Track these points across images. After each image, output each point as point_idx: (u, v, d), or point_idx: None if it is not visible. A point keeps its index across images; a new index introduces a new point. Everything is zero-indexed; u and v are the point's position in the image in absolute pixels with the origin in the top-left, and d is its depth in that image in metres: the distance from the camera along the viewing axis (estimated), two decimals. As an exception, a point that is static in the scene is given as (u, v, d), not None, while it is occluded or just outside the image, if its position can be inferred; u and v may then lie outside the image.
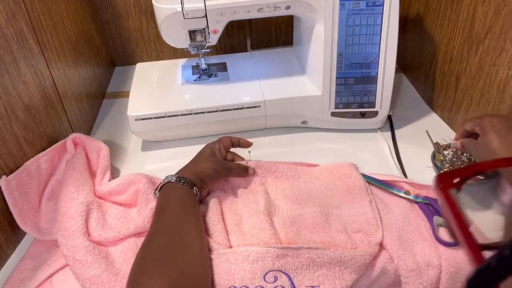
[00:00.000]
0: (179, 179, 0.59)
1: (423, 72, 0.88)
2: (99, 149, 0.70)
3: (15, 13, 0.61)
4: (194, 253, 0.50)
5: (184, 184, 0.58)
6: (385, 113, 0.78)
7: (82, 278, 0.52)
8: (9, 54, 0.59)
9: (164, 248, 0.50)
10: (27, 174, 0.60)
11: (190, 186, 0.58)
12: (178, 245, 0.51)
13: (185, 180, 0.59)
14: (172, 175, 0.60)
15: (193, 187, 0.59)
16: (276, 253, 0.51)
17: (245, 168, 0.66)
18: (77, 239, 0.55)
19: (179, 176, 0.59)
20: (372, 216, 0.58)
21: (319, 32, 0.73)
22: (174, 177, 0.59)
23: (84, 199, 0.60)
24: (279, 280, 0.50)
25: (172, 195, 0.58)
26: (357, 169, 0.66)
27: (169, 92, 0.82)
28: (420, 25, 0.87)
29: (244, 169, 0.65)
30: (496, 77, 0.66)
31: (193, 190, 0.59)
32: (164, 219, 0.54)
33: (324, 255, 0.51)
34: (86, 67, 0.87)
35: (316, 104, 0.78)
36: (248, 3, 0.70)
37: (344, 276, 0.51)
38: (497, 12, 0.63)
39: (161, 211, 0.56)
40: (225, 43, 1.05)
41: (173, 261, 0.48)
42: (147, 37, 1.04)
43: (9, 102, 0.58)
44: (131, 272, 0.48)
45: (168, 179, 0.60)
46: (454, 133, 0.76)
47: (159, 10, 0.72)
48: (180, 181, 0.59)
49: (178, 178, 0.59)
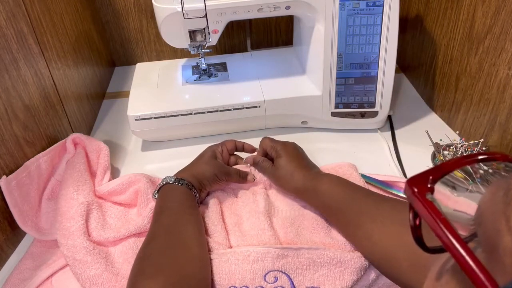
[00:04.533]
0: (178, 180, 0.59)
1: (423, 72, 0.88)
2: (99, 149, 0.70)
3: (15, 13, 0.61)
4: (194, 253, 0.50)
5: (182, 186, 0.58)
6: (385, 113, 0.78)
7: (82, 278, 0.52)
8: (9, 54, 0.59)
9: (164, 249, 0.50)
10: (27, 174, 0.60)
11: (189, 188, 0.58)
12: (177, 245, 0.51)
13: (184, 181, 0.59)
14: (171, 176, 0.60)
15: (192, 189, 0.59)
16: (277, 253, 0.51)
17: (243, 175, 0.65)
18: (77, 239, 0.55)
19: (178, 178, 0.59)
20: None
21: (319, 32, 0.73)
22: (172, 178, 0.59)
23: (84, 199, 0.60)
24: (279, 281, 0.50)
25: (171, 196, 0.58)
26: (356, 170, 0.66)
27: (169, 92, 0.82)
28: (420, 25, 0.87)
29: (243, 175, 0.65)
30: (496, 77, 0.66)
31: (192, 192, 0.59)
32: (163, 220, 0.54)
33: (324, 255, 0.52)
34: (86, 67, 0.87)
35: (316, 104, 0.78)
36: (248, 3, 0.70)
37: (344, 276, 0.51)
38: (497, 12, 0.63)
39: (160, 212, 0.56)
40: (225, 43, 1.05)
41: (172, 262, 0.48)
42: (147, 37, 1.04)
43: (9, 102, 0.58)
44: (131, 273, 0.48)
45: (166, 180, 0.60)
46: (454, 133, 0.76)
47: (159, 10, 0.72)
48: (179, 182, 0.58)
49: (176, 179, 0.59)
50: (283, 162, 0.62)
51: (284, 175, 0.61)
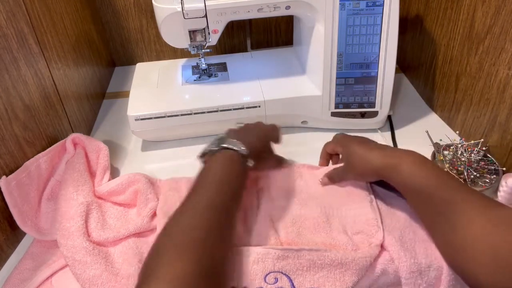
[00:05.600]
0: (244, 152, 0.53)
1: (423, 72, 0.88)
2: (99, 149, 0.70)
3: (15, 13, 0.61)
4: (229, 239, 0.48)
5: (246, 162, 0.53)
6: (385, 113, 0.78)
7: (82, 279, 0.52)
8: (9, 54, 0.59)
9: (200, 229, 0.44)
10: (27, 174, 0.60)
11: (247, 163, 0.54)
12: (218, 233, 0.45)
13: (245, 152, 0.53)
14: (236, 141, 0.53)
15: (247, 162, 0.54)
16: (277, 254, 0.51)
17: (283, 160, 0.66)
18: (76, 240, 0.55)
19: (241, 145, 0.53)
20: (373, 217, 0.58)
21: (319, 32, 0.73)
22: (239, 144, 0.53)
23: (83, 200, 0.60)
24: (280, 282, 0.50)
25: (227, 169, 0.52)
26: None
27: (169, 92, 0.82)
28: (420, 25, 0.87)
29: (283, 161, 0.66)
30: (496, 77, 0.66)
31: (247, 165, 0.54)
32: (212, 195, 0.48)
33: (325, 257, 0.51)
34: (86, 67, 0.87)
35: (316, 104, 0.78)
36: (248, 3, 0.70)
37: (345, 278, 0.51)
38: (497, 12, 0.63)
39: (219, 182, 0.50)
40: (225, 43, 1.05)
41: (206, 246, 0.43)
42: (147, 37, 1.04)
43: (9, 102, 0.58)
44: (154, 248, 0.43)
45: (233, 144, 0.53)
46: (454, 133, 0.76)
47: (159, 10, 0.72)
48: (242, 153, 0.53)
49: (243, 148, 0.53)
50: (353, 149, 0.58)
51: (359, 160, 0.57)
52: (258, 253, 0.51)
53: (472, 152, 0.65)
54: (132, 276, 0.52)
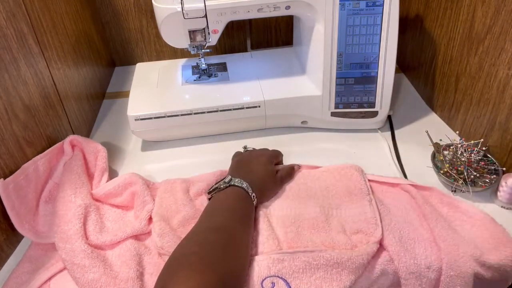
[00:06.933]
0: (248, 188, 0.58)
1: (423, 72, 0.88)
2: (97, 151, 0.70)
3: (15, 13, 0.61)
4: (245, 254, 0.50)
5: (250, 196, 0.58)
6: (385, 113, 0.78)
7: (81, 283, 0.52)
8: (9, 54, 0.59)
9: (216, 246, 0.48)
10: (24, 176, 0.60)
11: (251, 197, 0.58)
12: (230, 244, 0.49)
13: (250, 190, 0.59)
14: (240, 179, 0.59)
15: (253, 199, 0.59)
16: (272, 259, 0.51)
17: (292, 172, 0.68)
18: (75, 243, 0.54)
19: (244, 181, 0.59)
20: (372, 216, 0.58)
21: (319, 32, 0.73)
22: (244, 182, 0.58)
23: (81, 202, 0.60)
24: (277, 286, 0.50)
25: (237, 202, 0.57)
26: (358, 170, 0.65)
27: (169, 92, 0.82)
28: (420, 25, 0.87)
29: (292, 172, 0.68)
30: (496, 77, 0.66)
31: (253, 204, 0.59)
32: (220, 220, 0.53)
33: (320, 257, 0.51)
34: (86, 67, 0.87)
35: (316, 104, 0.78)
36: (248, 3, 0.70)
37: (342, 277, 0.51)
38: (497, 12, 0.63)
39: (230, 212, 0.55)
40: (225, 43, 1.05)
41: (224, 259, 0.47)
42: (147, 37, 1.04)
43: (9, 102, 0.58)
44: (168, 267, 0.46)
45: (239, 183, 0.58)
46: (454, 133, 0.76)
47: (159, 10, 0.72)
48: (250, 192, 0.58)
49: (247, 186, 0.58)
50: None
51: None
52: (252, 259, 0.51)
53: (472, 152, 0.65)
54: (131, 279, 0.52)
